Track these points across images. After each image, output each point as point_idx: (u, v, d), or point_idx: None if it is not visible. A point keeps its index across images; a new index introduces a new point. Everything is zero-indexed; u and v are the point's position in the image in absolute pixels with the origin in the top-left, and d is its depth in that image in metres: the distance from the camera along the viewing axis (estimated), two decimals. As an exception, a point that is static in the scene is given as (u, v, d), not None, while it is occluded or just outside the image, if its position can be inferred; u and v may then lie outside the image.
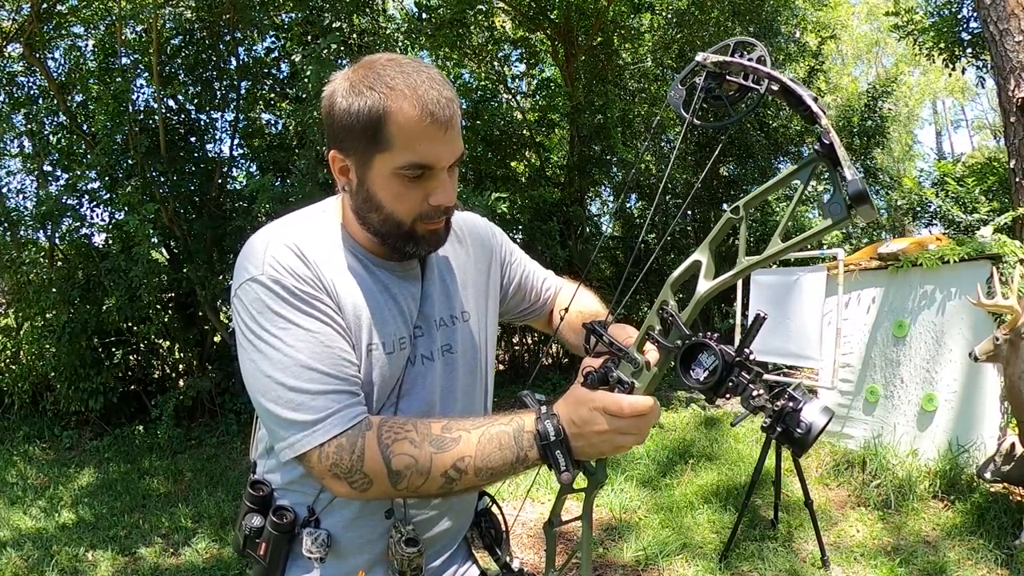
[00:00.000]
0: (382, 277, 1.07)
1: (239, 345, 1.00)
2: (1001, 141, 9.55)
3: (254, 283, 0.97)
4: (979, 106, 25.85)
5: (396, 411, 1.07)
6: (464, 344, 1.16)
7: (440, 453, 0.94)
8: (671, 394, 7.20)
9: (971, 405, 4.07)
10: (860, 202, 0.74)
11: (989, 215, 6.94)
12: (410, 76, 0.95)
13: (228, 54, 6.53)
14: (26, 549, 3.74)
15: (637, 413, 0.88)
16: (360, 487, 0.96)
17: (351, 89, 0.96)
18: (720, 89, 0.88)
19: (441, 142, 0.97)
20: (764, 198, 0.86)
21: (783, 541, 3.62)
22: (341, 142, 1.00)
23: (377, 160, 0.97)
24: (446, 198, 1.01)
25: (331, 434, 0.94)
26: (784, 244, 0.80)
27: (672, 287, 0.90)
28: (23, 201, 6.94)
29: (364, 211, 1.02)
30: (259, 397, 0.98)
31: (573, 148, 8.67)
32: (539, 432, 0.92)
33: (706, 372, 0.85)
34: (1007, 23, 5.11)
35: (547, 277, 1.40)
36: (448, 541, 1.20)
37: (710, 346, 0.85)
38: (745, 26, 9.01)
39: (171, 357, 6.85)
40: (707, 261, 0.87)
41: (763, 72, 0.83)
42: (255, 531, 1.08)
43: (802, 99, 0.79)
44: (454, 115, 0.98)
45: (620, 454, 1.04)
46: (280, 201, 5.21)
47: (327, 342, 0.97)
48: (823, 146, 0.76)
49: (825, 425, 0.83)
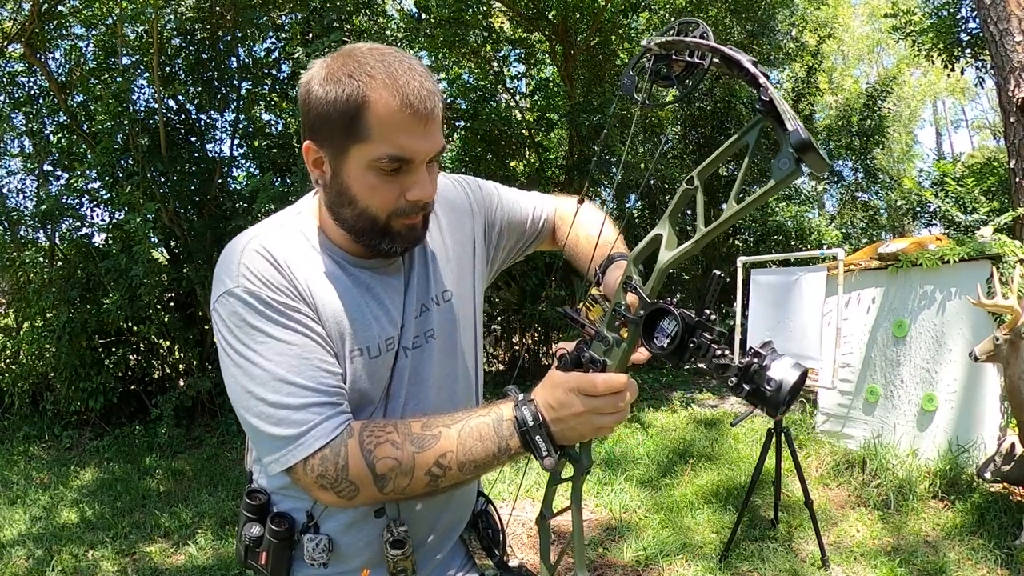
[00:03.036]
0: (363, 277, 1.04)
1: (220, 358, 0.99)
2: (1001, 141, 9.56)
3: (230, 296, 0.96)
4: (979, 106, 25.85)
5: (385, 410, 1.06)
6: (446, 327, 1.13)
7: (421, 452, 0.93)
8: (671, 394, 7.21)
9: (971, 405, 4.07)
10: (805, 151, 0.72)
11: (989, 215, 6.94)
12: (391, 65, 0.92)
13: (228, 54, 6.53)
14: (27, 548, 3.74)
15: (611, 390, 0.87)
16: (347, 495, 0.95)
17: (329, 77, 0.92)
18: (668, 70, 0.89)
19: (421, 135, 0.94)
20: (716, 166, 0.86)
21: (783, 541, 3.62)
22: (316, 132, 0.96)
23: (353, 151, 0.94)
24: (424, 193, 0.97)
25: (314, 447, 0.93)
26: (739, 206, 0.80)
27: (635, 262, 0.90)
28: (23, 201, 6.97)
29: (337, 205, 0.99)
30: (242, 412, 0.97)
31: (572, 148, 8.68)
32: (517, 419, 0.91)
33: (667, 338, 0.84)
34: (1007, 23, 5.12)
35: (536, 204, 1.33)
36: (446, 537, 1.18)
37: (670, 311, 0.84)
38: (743, 25, 9.02)
39: (171, 357, 6.84)
40: (668, 234, 0.88)
41: (705, 46, 0.84)
42: (255, 540, 1.07)
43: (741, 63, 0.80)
44: (435, 108, 0.94)
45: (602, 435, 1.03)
46: (280, 201, 5.21)
47: (305, 354, 0.95)
48: (763, 103, 0.76)
49: (799, 381, 0.80)
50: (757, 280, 4.24)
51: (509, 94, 9.34)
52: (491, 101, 8.32)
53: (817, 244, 9.67)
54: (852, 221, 12.58)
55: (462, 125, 8.36)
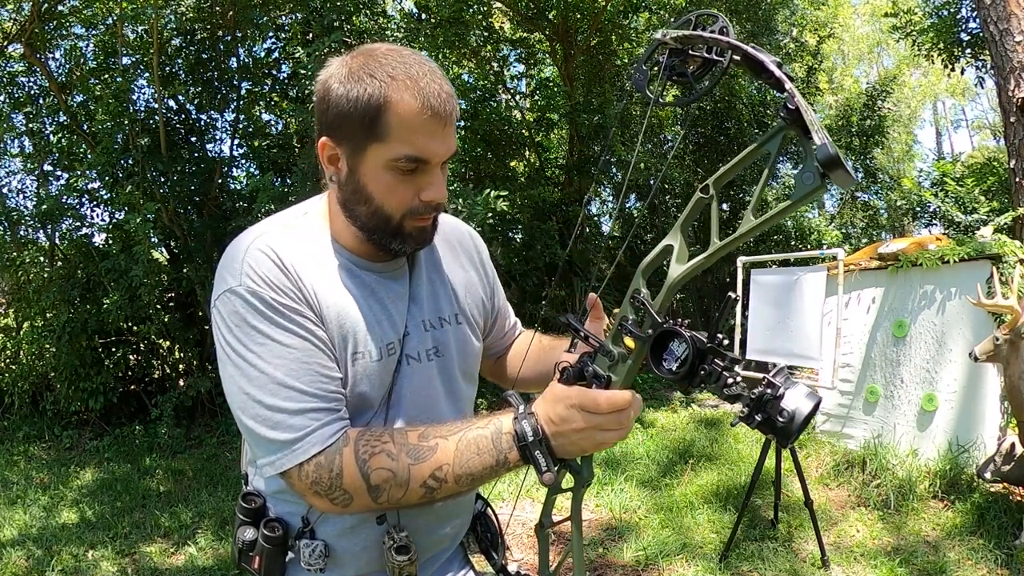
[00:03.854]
0: (368, 280, 1.04)
1: (219, 358, 0.98)
2: (1001, 141, 9.56)
3: (232, 295, 0.95)
4: (979, 106, 25.87)
5: (386, 417, 1.05)
6: (454, 347, 1.14)
7: (417, 464, 0.92)
8: (671, 394, 7.21)
9: (971, 405, 4.07)
10: (832, 167, 0.68)
11: (989, 215, 6.95)
12: (411, 67, 0.93)
13: (228, 54, 6.53)
14: (27, 548, 3.74)
15: (615, 408, 0.85)
16: (341, 503, 0.95)
17: (350, 75, 0.93)
18: (683, 66, 0.84)
19: (439, 137, 0.94)
20: (734, 175, 0.82)
21: (783, 541, 3.62)
22: (335, 129, 0.96)
23: (371, 150, 0.94)
24: (438, 194, 0.98)
25: (310, 453, 0.93)
26: (757, 220, 0.76)
27: (644, 274, 0.85)
28: (23, 201, 6.98)
29: (352, 203, 0.99)
30: (239, 413, 0.96)
31: (572, 148, 8.68)
32: (517, 433, 0.89)
33: (677, 362, 0.81)
34: (1007, 23, 5.12)
35: (514, 317, 1.37)
36: (446, 546, 1.18)
37: (680, 334, 0.81)
38: (743, 24, 9.02)
39: (171, 357, 6.85)
40: (679, 245, 0.83)
41: (724, 42, 0.79)
42: (248, 544, 1.06)
43: (765, 65, 0.75)
44: (453, 111, 0.96)
45: (604, 450, 1.01)
46: (280, 200, 5.22)
47: (305, 358, 0.95)
48: (789, 112, 0.72)
49: (812, 411, 0.78)
50: (757, 280, 4.24)
51: (509, 94, 9.34)
52: (491, 101, 8.31)
53: (817, 244, 9.68)
54: (852, 221, 12.59)
55: (462, 125, 8.36)
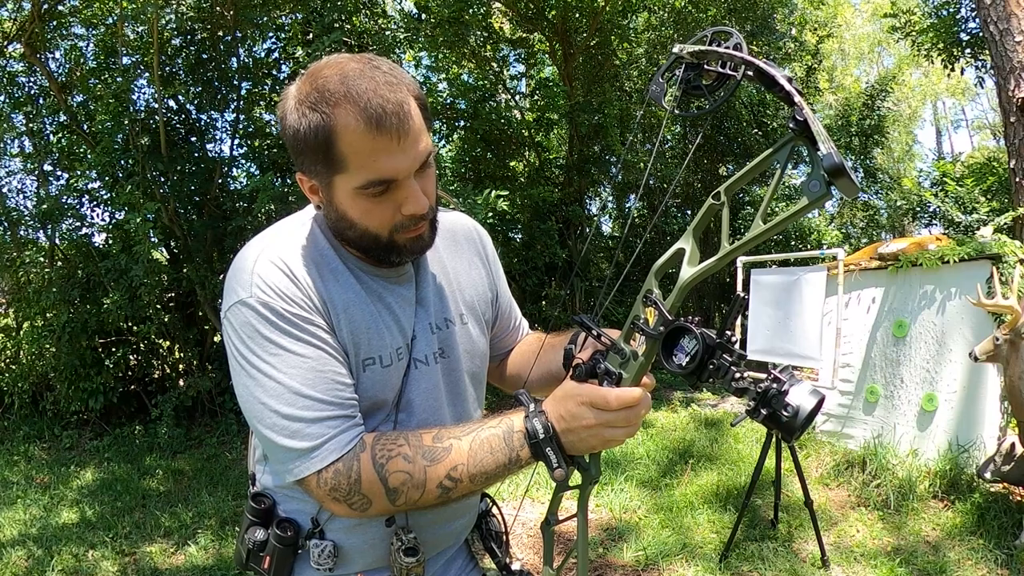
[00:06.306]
0: (375, 286, 1.04)
1: (231, 367, 0.99)
2: (1001, 141, 9.56)
3: (243, 306, 0.95)
4: (979, 106, 25.86)
5: (396, 422, 1.06)
6: (461, 348, 1.14)
7: (433, 465, 0.94)
8: (671, 394, 7.21)
9: (971, 405, 4.07)
10: (837, 176, 0.72)
11: (989, 215, 6.95)
12: (353, 85, 0.88)
13: (229, 54, 6.53)
14: (27, 548, 3.74)
15: (624, 405, 0.87)
16: (359, 507, 0.96)
17: (296, 108, 0.91)
18: (699, 79, 0.89)
19: (397, 152, 0.90)
20: (745, 182, 0.85)
21: (783, 541, 3.62)
22: (302, 164, 0.95)
23: (337, 181, 0.93)
24: (418, 207, 0.95)
25: (328, 460, 0.94)
26: (765, 226, 0.79)
27: (656, 275, 0.89)
28: (23, 201, 6.96)
29: (340, 228, 0.99)
30: (255, 422, 0.97)
31: (572, 148, 8.68)
32: (528, 431, 0.91)
33: (687, 357, 0.84)
34: (1007, 23, 5.12)
35: (520, 316, 1.37)
36: (452, 543, 1.19)
37: (691, 330, 0.84)
38: (742, 24, 9.03)
39: (171, 357, 6.84)
40: (691, 248, 0.87)
41: (738, 58, 0.83)
42: (259, 544, 1.07)
43: (776, 80, 0.80)
44: (406, 118, 0.90)
45: (614, 447, 1.02)
46: (280, 201, 5.21)
47: (319, 367, 0.95)
48: (797, 123, 0.76)
49: (815, 408, 0.81)
50: (757, 280, 4.24)
51: (509, 94, 9.34)
52: (491, 101, 8.31)
53: (817, 244, 9.67)
54: (852, 221, 12.59)
55: (462, 125, 8.36)
